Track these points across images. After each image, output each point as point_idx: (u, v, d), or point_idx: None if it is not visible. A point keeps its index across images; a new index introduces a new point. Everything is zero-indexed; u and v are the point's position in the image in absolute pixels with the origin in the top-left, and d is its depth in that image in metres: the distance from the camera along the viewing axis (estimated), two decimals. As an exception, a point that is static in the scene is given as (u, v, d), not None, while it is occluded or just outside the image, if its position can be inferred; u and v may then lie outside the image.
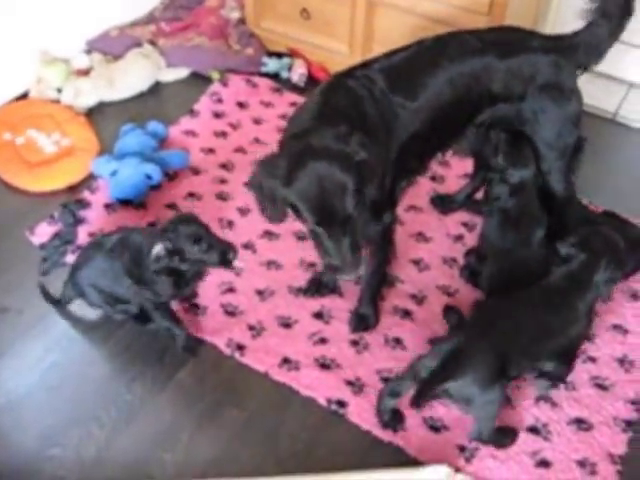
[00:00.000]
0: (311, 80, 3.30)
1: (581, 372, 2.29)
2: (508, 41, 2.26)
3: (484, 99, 2.24)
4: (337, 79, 2.13)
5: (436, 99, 2.15)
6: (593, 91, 3.26)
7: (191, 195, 2.79)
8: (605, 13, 2.29)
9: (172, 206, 2.75)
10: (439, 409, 2.19)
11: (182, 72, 3.36)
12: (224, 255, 2.11)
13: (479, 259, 2.42)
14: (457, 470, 2.06)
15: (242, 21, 3.52)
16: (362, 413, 2.18)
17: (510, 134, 2.32)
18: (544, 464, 2.10)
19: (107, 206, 2.75)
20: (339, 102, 2.04)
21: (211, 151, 2.98)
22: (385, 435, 2.13)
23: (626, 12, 2.30)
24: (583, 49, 2.29)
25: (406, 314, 2.42)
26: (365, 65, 2.18)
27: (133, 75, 3.23)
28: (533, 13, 3.28)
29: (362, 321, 2.39)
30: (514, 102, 2.26)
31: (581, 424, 2.19)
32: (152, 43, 3.41)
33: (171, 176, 2.86)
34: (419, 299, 2.47)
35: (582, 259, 2.15)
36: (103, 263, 2.25)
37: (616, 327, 2.42)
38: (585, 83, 2.44)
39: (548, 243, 2.30)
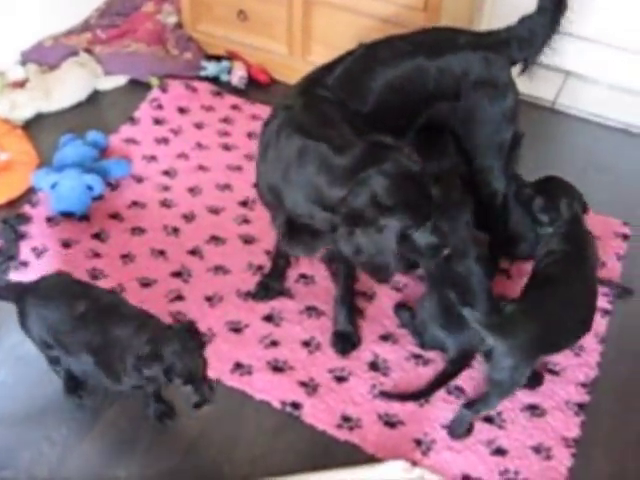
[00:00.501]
0: (251, 82, 3.29)
1: (532, 359, 2.33)
2: (436, 41, 2.27)
3: (422, 100, 2.24)
4: (308, 96, 2.07)
5: (381, 103, 2.14)
6: (531, 80, 3.30)
7: (135, 204, 2.75)
8: (539, 8, 2.33)
9: (116, 216, 2.71)
10: (394, 405, 2.19)
11: (120, 80, 3.31)
12: (204, 399, 1.89)
13: None
14: (414, 464, 2.07)
15: (179, 25, 3.48)
16: (317, 414, 2.17)
17: (426, 130, 2.31)
18: (500, 452, 2.11)
19: (49, 220, 2.69)
20: (333, 116, 2.01)
21: (153, 158, 2.94)
22: (341, 434, 2.13)
23: (561, 7, 2.34)
24: (516, 44, 2.31)
25: (356, 311, 2.42)
26: (317, 82, 2.13)
27: (70, 85, 3.17)
28: (468, 8, 3.31)
29: (346, 341, 2.33)
30: (450, 101, 2.27)
31: (534, 410, 2.21)
32: (88, 51, 3.34)
33: (113, 186, 2.81)
34: (369, 296, 2.47)
35: (566, 218, 2.28)
36: (63, 323, 2.03)
37: (564, 312, 2.46)
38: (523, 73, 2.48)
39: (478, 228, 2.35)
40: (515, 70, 2.41)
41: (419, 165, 1.91)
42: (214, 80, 3.32)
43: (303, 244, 2.13)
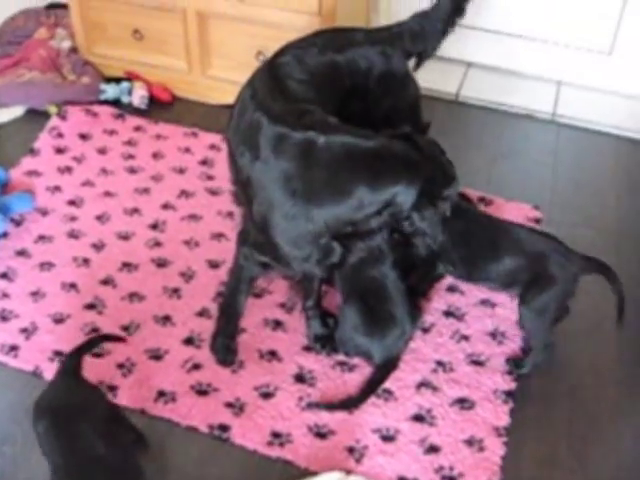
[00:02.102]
0: (153, 101, 3.23)
1: (456, 352, 2.32)
2: (335, 40, 2.25)
3: (343, 97, 2.20)
4: (306, 116, 1.95)
5: (323, 106, 2.08)
6: (434, 75, 3.33)
7: (41, 238, 2.65)
8: (435, 4, 2.37)
9: (22, 252, 2.60)
10: (323, 415, 2.16)
11: (17, 111, 3.21)
12: None
13: None
14: (349, 473, 2.04)
15: (74, 50, 3.40)
16: (246, 433, 2.12)
17: None
18: (433, 450, 2.10)
19: (-49, 264, 2.58)
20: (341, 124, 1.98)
21: (57, 189, 2.85)
22: (272, 451, 2.08)
23: (455, 5, 2.38)
24: (409, 37, 2.32)
25: (277, 324, 2.39)
26: (291, 100, 2.02)
27: (-35, 121, 3.07)
28: (363, 8, 3.33)
29: (328, 340, 2.33)
30: (362, 100, 2.25)
31: (464, 403, 2.21)
32: (-20, 84, 3.24)
33: (17, 221, 2.71)
34: (288, 307, 2.44)
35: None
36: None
37: (484, 302, 2.47)
38: (425, 68, 2.48)
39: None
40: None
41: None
42: (115, 103, 3.25)
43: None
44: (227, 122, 2.18)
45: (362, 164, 1.87)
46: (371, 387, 2.22)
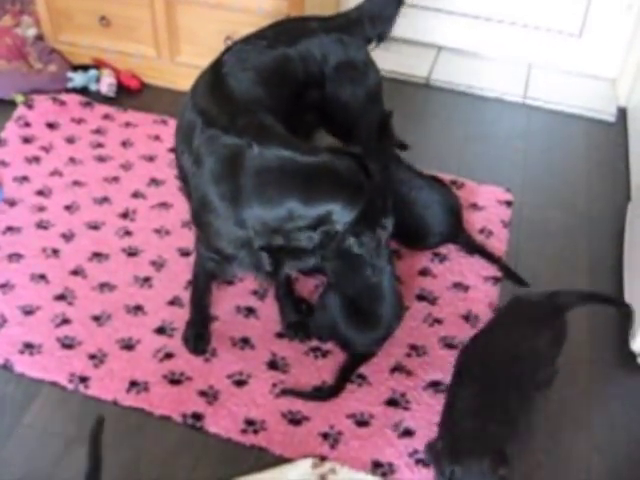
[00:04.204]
0: (121, 89, 3.20)
1: (430, 335, 2.33)
2: (288, 31, 2.22)
3: (298, 89, 2.18)
4: (246, 116, 1.90)
5: (273, 103, 2.04)
6: (404, 59, 3.33)
7: (9, 229, 2.61)
8: None
9: (-10, 245, 2.58)
10: (297, 402, 2.15)
11: (-17, 100, 3.16)
12: None
13: None
14: (323, 459, 2.04)
15: (40, 38, 3.34)
16: (220, 421, 2.11)
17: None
18: (408, 433, 2.10)
19: None
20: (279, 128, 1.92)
21: (25, 179, 2.81)
22: (247, 439, 2.08)
23: None
24: (368, 21, 2.30)
25: (250, 312, 2.37)
26: (228, 97, 1.98)
27: None
28: (332, -9, 3.30)
29: (301, 327, 2.32)
30: (319, 88, 2.23)
31: (437, 386, 2.21)
32: (-56, 75, 3.17)
33: (-16, 213, 2.68)
34: (260, 294, 2.43)
35: None
36: None
37: (456, 285, 2.48)
38: (395, 52, 2.47)
39: None
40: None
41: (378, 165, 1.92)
42: (83, 91, 3.21)
43: (289, 265, 2.01)
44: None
45: (295, 178, 1.80)
46: (347, 374, 2.21)
